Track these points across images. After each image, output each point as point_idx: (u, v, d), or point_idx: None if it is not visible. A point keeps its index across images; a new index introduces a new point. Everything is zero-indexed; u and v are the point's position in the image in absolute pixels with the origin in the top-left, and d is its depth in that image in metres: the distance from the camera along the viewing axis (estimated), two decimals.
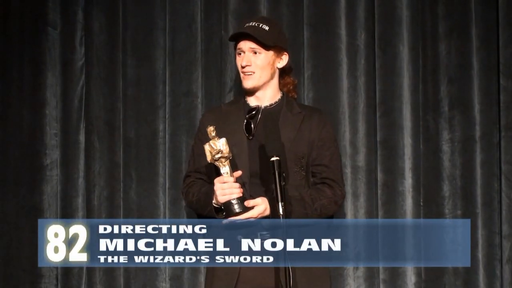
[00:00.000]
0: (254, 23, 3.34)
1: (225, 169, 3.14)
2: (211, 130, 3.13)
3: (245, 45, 3.32)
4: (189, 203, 3.41)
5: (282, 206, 2.99)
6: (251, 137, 3.29)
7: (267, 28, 3.32)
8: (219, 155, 3.11)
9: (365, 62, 3.91)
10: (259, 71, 3.32)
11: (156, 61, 4.01)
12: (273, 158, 3.05)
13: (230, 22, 3.94)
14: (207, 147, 3.14)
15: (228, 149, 3.12)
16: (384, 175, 3.87)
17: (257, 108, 3.35)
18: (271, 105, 3.37)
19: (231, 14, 3.94)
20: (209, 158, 3.14)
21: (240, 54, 3.34)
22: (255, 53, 3.32)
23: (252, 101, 3.39)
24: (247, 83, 3.34)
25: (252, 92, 3.37)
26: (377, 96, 3.90)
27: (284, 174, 3.05)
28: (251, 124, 3.31)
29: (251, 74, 3.32)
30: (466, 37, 3.85)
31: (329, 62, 3.92)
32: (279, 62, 3.38)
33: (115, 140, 4.02)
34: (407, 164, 3.86)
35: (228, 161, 3.13)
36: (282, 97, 3.40)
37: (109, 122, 4.02)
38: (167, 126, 3.97)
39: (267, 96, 3.38)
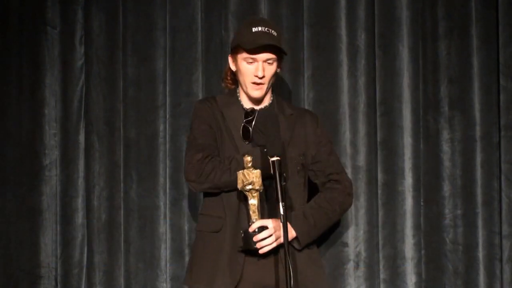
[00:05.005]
0: (263, 28, 3.20)
1: (253, 201, 3.10)
2: (248, 160, 3.04)
3: (262, 55, 3.18)
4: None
5: (283, 206, 2.98)
6: (247, 142, 3.25)
7: (275, 33, 3.20)
8: (250, 186, 3.07)
9: (365, 62, 3.90)
10: (268, 81, 3.25)
11: (156, 61, 3.99)
12: (274, 158, 3.04)
13: (230, 22, 3.92)
14: (240, 175, 3.07)
15: (260, 182, 3.06)
16: (384, 175, 3.87)
17: (253, 112, 3.29)
18: (265, 107, 3.33)
19: (231, 14, 3.93)
20: (240, 185, 3.08)
21: (251, 62, 3.21)
22: (269, 63, 3.22)
23: (246, 103, 3.32)
24: (257, 93, 3.26)
25: (259, 100, 3.30)
26: (377, 96, 3.89)
27: (284, 174, 3.04)
28: (248, 129, 3.26)
29: (262, 84, 3.24)
30: (466, 37, 3.84)
31: (329, 62, 3.91)
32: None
33: (115, 140, 4.00)
34: (407, 164, 3.86)
35: (258, 193, 3.09)
36: (273, 98, 3.36)
37: (109, 122, 4.01)
38: (167, 126, 3.95)
39: (263, 99, 3.32)
